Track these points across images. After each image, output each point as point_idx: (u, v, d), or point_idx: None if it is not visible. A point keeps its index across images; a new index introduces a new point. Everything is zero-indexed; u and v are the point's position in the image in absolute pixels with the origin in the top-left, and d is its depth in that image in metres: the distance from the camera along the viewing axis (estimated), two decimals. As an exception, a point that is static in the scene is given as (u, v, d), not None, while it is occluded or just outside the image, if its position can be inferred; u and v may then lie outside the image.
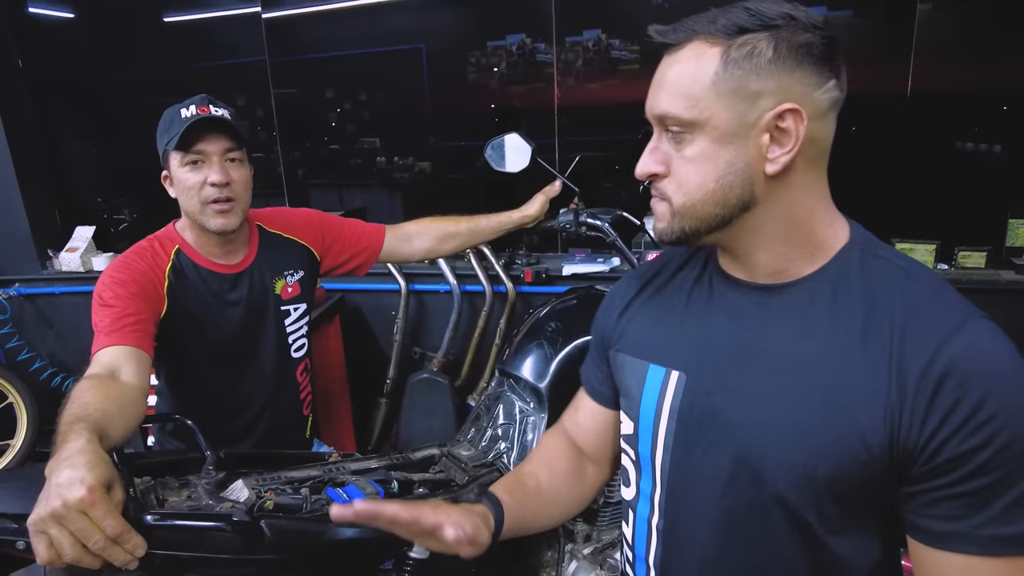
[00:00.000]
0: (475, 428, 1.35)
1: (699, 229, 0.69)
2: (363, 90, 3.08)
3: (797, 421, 0.65)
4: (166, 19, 3.07)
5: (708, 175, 0.66)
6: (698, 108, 0.64)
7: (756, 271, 0.71)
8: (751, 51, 0.63)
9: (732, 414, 0.71)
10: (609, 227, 1.50)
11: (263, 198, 3.07)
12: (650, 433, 0.79)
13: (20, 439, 2.82)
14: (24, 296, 2.96)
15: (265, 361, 1.43)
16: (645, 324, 0.82)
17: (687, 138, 0.67)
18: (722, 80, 0.63)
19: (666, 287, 0.82)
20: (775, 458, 0.67)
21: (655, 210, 0.73)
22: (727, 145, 0.65)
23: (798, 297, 0.69)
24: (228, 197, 1.28)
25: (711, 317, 0.75)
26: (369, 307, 2.84)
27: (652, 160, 0.71)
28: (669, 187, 0.70)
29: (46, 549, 0.73)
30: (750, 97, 0.63)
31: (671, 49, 0.68)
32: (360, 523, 0.74)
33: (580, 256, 2.61)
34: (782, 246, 0.69)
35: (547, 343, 1.28)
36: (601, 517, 1.33)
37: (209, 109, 1.26)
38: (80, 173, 3.35)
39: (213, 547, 0.86)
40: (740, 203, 0.67)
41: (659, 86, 0.69)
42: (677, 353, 0.76)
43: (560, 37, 2.64)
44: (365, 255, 1.57)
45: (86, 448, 0.78)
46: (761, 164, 0.65)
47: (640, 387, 0.79)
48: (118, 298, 1.18)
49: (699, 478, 0.74)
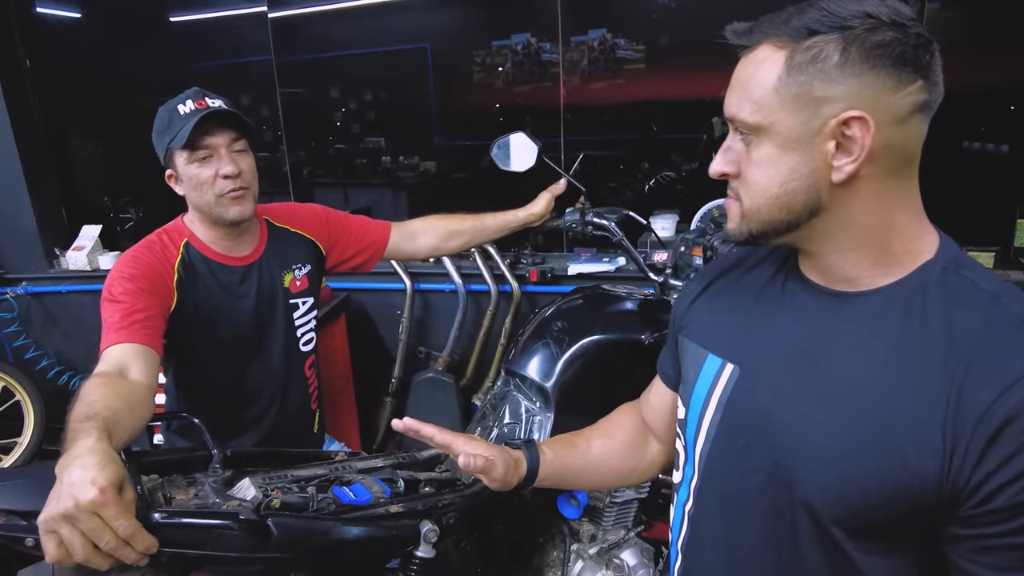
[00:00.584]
0: (481, 427, 1.35)
1: (766, 232, 0.69)
2: (368, 89, 3.08)
3: (841, 435, 0.64)
4: (172, 19, 3.08)
5: (772, 180, 0.65)
6: (761, 113, 0.64)
7: (830, 276, 0.70)
8: (817, 55, 0.60)
9: (776, 415, 0.70)
10: (616, 227, 1.50)
11: (268, 196, 3.07)
12: (696, 421, 0.79)
13: (27, 437, 2.83)
14: (31, 295, 2.98)
15: (274, 354, 1.44)
16: (712, 314, 0.82)
17: (754, 141, 0.66)
18: (785, 85, 0.62)
19: (740, 280, 0.81)
20: (811, 467, 0.66)
21: (728, 209, 0.73)
22: (791, 151, 0.64)
23: (867, 308, 0.66)
24: (241, 187, 1.29)
25: (777, 316, 0.74)
26: (374, 306, 2.85)
27: (725, 160, 0.70)
28: (740, 188, 0.70)
29: (56, 548, 0.73)
30: (814, 103, 0.61)
31: (745, 51, 0.67)
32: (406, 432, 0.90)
33: (585, 256, 2.61)
34: (853, 253, 0.67)
35: (553, 343, 1.27)
36: (606, 517, 1.33)
37: (206, 102, 1.26)
38: (87, 172, 3.37)
39: (220, 545, 0.86)
40: (806, 209, 0.65)
41: (732, 88, 0.68)
42: (737, 347, 0.76)
43: (565, 37, 2.64)
44: (370, 251, 1.58)
45: (96, 447, 0.78)
46: (827, 171, 0.63)
47: (696, 375, 0.80)
48: (128, 293, 1.18)
49: (733, 472, 0.74)
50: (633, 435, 1.02)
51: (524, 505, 1.23)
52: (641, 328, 1.29)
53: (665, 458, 1.02)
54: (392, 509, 1.02)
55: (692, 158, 2.76)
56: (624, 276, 2.45)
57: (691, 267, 1.37)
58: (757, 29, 0.65)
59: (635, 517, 1.35)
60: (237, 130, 1.29)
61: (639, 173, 2.82)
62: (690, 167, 2.75)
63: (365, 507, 1.01)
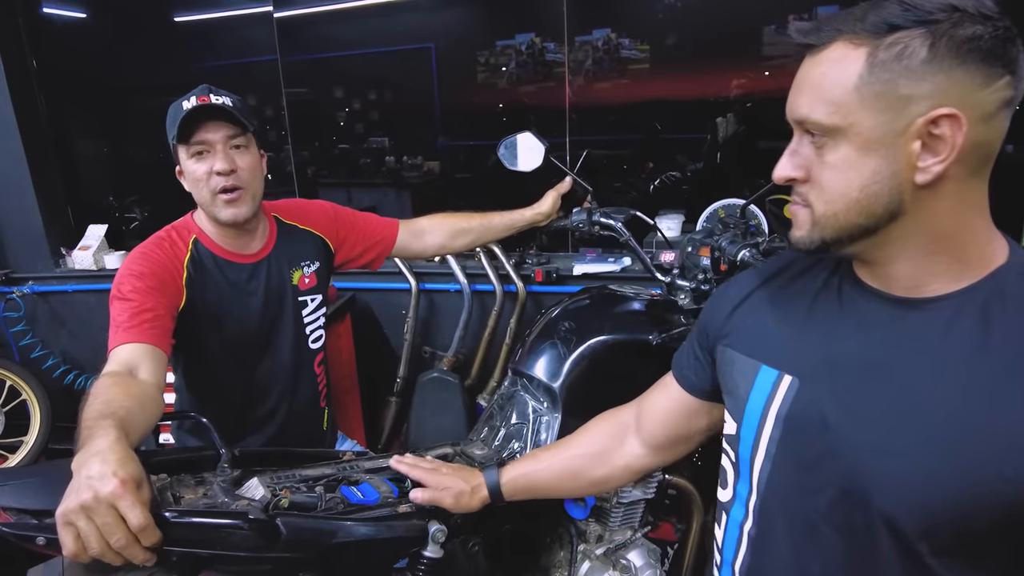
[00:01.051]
0: (488, 427, 1.35)
1: (840, 239, 0.65)
2: (373, 89, 3.09)
3: (927, 452, 0.61)
4: (177, 19, 3.09)
5: (852, 183, 0.62)
6: (840, 114, 0.61)
7: (893, 283, 0.67)
8: (902, 51, 0.58)
9: (847, 429, 0.67)
10: (623, 227, 1.50)
11: (273, 196, 3.08)
12: (752, 436, 0.76)
13: (33, 436, 2.84)
14: (37, 294, 2.98)
15: (283, 352, 1.44)
16: (761, 323, 0.79)
17: (829, 144, 0.63)
18: (867, 84, 0.59)
19: (789, 287, 0.78)
20: (893, 484, 0.63)
21: (795, 216, 0.69)
22: (872, 153, 0.60)
23: (939, 315, 0.64)
24: (235, 185, 1.27)
25: (837, 325, 0.71)
26: (380, 306, 2.85)
27: (792, 164, 0.67)
28: (811, 193, 0.66)
29: (74, 541, 0.74)
30: (899, 102, 0.58)
31: (814, 50, 0.64)
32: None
33: (591, 256, 2.60)
34: (927, 259, 0.64)
35: (560, 343, 1.27)
36: (613, 517, 1.33)
37: (209, 98, 1.25)
38: (92, 172, 3.38)
39: (230, 544, 0.86)
40: (886, 213, 0.62)
41: (799, 88, 0.65)
42: (793, 357, 0.73)
43: (570, 36, 2.64)
44: (379, 249, 1.58)
45: (115, 445, 0.79)
46: (910, 173, 0.60)
47: (748, 387, 0.76)
48: (137, 291, 1.18)
49: (801, 489, 0.70)
50: (603, 445, 1.03)
51: (531, 505, 1.23)
52: (648, 328, 1.28)
53: (648, 462, 1.02)
54: (400, 509, 1.03)
55: (697, 158, 2.75)
56: (630, 276, 2.45)
57: (698, 267, 1.37)
58: (827, 26, 0.62)
59: (642, 518, 1.35)
60: (236, 126, 1.28)
61: (644, 173, 2.82)
62: (695, 167, 2.75)
63: (373, 507, 1.02)
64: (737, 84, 2.58)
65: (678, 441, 0.99)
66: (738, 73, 2.57)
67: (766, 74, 2.52)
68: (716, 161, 2.68)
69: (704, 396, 0.92)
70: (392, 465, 1.09)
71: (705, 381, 0.90)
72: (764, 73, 2.53)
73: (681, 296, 1.40)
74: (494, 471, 1.06)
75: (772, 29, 2.47)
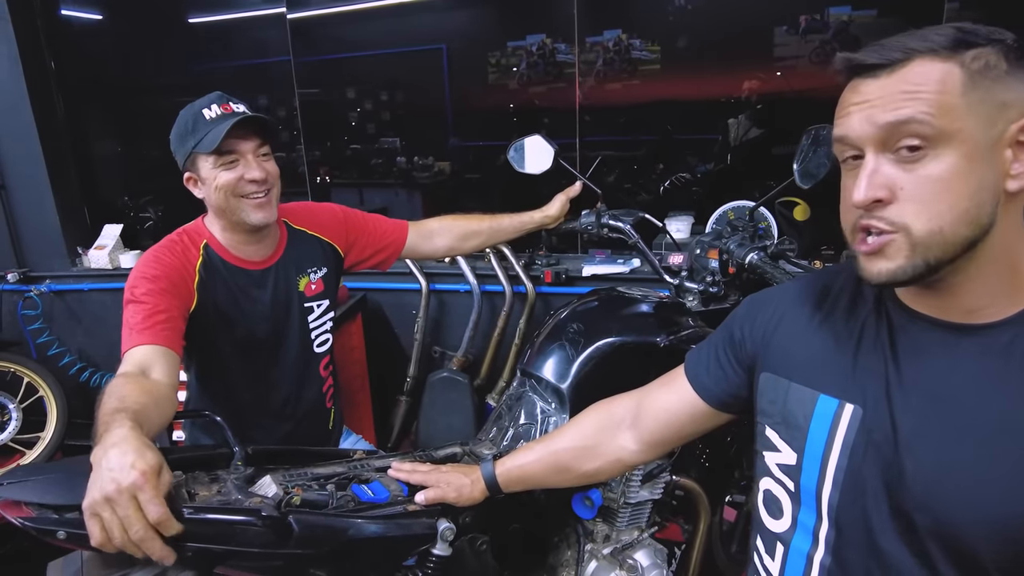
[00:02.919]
0: (497, 427, 1.36)
1: (943, 259, 0.62)
2: (384, 90, 3.11)
3: (992, 475, 0.61)
4: (191, 20, 3.12)
5: (961, 193, 0.60)
6: (948, 117, 0.60)
7: (953, 309, 0.66)
8: (986, 63, 0.60)
9: (918, 459, 0.66)
10: (632, 229, 1.50)
11: (285, 197, 3.10)
12: (817, 466, 0.75)
13: (50, 432, 2.88)
14: (54, 292, 3.03)
15: (289, 356, 1.45)
16: (811, 350, 0.77)
17: (930, 154, 0.61)
18: (971, 90, 0.60)
19: (834, 313, 0.77)
20: (970, 515, 0.63)
21: (882, 248, 0.64)
22: (978, 160, 0.60)
23: (996, 340, 0.64)
24: (267, 191, 1.32)
25: (890, 352, 0.70)
26: (390, 306, 2.87)
27: (872, 184, 0.63)
28: (906, 213, 0.62)
29: (100, 532, 0.76)
30: (997, 108, 0.60)
31: (882, 70, 0.63)
32: None
33: (600, 257, 2.61)
34: (994, 278, 0.64)
35: (569, 344, 1.28)
36: (620, 517, 1.33)
37: (232, 107, 1.27)
38: (108, 172, 3.43)
39: (243, 541, 0.88)
40: (989, 223, 0.61)
41: (885, 104, 0.62)
42: (851, 385, 0.72)
43: (581, 37, 2.65)
44: (389, 251, 1.59)
45: (130, 435, 0.82)
46: (1004, 181, 0.61)
47: (807, 418, 0.76)
48: (150, 294, 1.20)
49: (874, 519, 0.70)
50: (594, 439, 1.04)
51: (539, 504, 1.24)
52: (656, 331, 1.29)
53: (640, 458, 1.02)
54: (410, 507, 1.04)
55: (708, 159, 2.75)
56: (639, 278, 2.45)
57: (706, 270, 1.37)
58: (893, 47, 0.63)
59: (649, 518, 1.36)
60: (262, 135, 1.31)
61: (654, 174, 2.82)
62: (705, 168, 2.75)
63: (383, 505, 1.03)
64: (748, 85, 2.58)
65: (674, 441, 1.00)
66: (749, 74, 2.56)
67: (777, 75, 2.52)
68: (727, 163, 2.68)
69: (720, 406, 0.91)
70: (391, 475, 1.11)
71: (726, 392, 0.89)
72: (776, 74, 2.52)
73: (689, 298, 1.40)
74: (489, 464, 1.10)
75: (783, 30, 2.46)
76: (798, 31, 2.44)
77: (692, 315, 1.37)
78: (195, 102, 1.29)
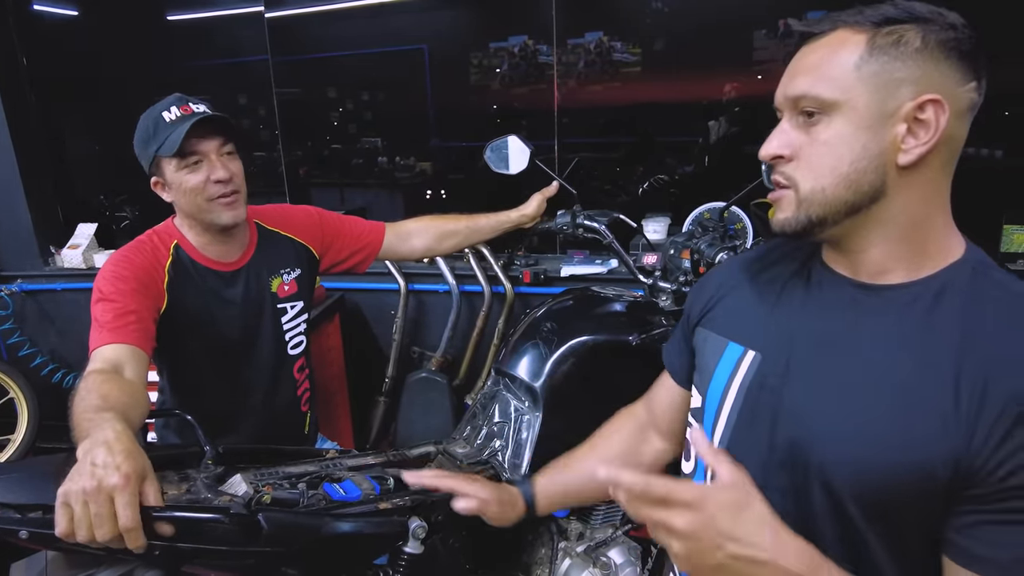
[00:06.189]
0: (471, 426, 1.36)
1: (825, 217, 0.69)
2: (365, 90, 3.10)
3: (863, 420, 0.66)
4: (169, 18, 3.09)
5: (843, 158, 0.66)
6: (840, 89, 0.65)
7: (860, 269, 0.71)
8: (898, 39, 0.64)
9: (797, 398, 0.72)
10: (606, 229, 1.52)
11: (264, 196, 3.09)
12: (715, 407, 0.80)
13: (20, 434, 2.84)
14: (26, 292, 2.98)
15: (261, 358, 1.44)
16: (735, 306, 0.83)
17: (823, 120, 0.67)
18: (866, 64, 0.64)
19: (763, 274, 0.83)
20: (831, 450, 0.67)
21: (779, 201, 0.72)
22: (864, 129, 0.65)
23: (894, 302, 0.68)
24: (233, 190, 1.30)
25: (802, 306, 0.76)
26: (369, 306, 2.86)
27: (778, 142, 0.70)
28: (797, 172, 0.69)
29: (67, 523, 0.75)
30: (893, 84, 0.64)
31: (814, 37, 0.69)
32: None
33: (579, 257, 2.62)
34: (896, 245, 0.69)
35: (543, 343, 1.29)
36: (594, 515, 1.34)
37: (191, 108, 1.26)
38: (82, 170, 3.38)
39: (211, 539, 0.87)
40: (871, 190, 0.66)
41: (798, 70, 0.69)
42: (760, 336, 0.77)
43: (561, 39, 2.66)
44: (365, 252, 1.59)
45: (123, 436, 0.81)
46: (894, 154, 0.65)
47: (715, 363, 0.81)
48: (120, 293, 1.19)
49: (752, 454, 0.74)
50: (627, 444, 1.04)
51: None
52: (629, 329, 1.30)
53: (671, 456, 1.03)
54: (381, 506, 1.04)
55: (686, 161, 2.78)
56: (616, 278, 2.47)
57: (679, 269, 1.39)
58: (829, 19, 0.68)
59: (623, 516, 1.37)
60: (225, 134, 1.30)
61: (635, 175, 2.84)
62: (684, 170, 2.77)
63: (355, 503, 1.03)
64: (728, 88, 2.61)
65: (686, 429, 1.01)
66: (729, 77, 2.59)
67: (758, 78, 2.55)
68: (704, 164, 2.71)
69: (688, 384, 0.94)
70: (412, 482, 1.03)
71: (688, 368, 0.93)
72: (756, 77, 2.56)
73: (662, 298, 1.42)
74: (527, 484, 1.06)
75: (763, 34, 2.50)
76: (776, 35, 2.48)
77: (664, 314, 1.38)
78: (155, 105, 1.28)
